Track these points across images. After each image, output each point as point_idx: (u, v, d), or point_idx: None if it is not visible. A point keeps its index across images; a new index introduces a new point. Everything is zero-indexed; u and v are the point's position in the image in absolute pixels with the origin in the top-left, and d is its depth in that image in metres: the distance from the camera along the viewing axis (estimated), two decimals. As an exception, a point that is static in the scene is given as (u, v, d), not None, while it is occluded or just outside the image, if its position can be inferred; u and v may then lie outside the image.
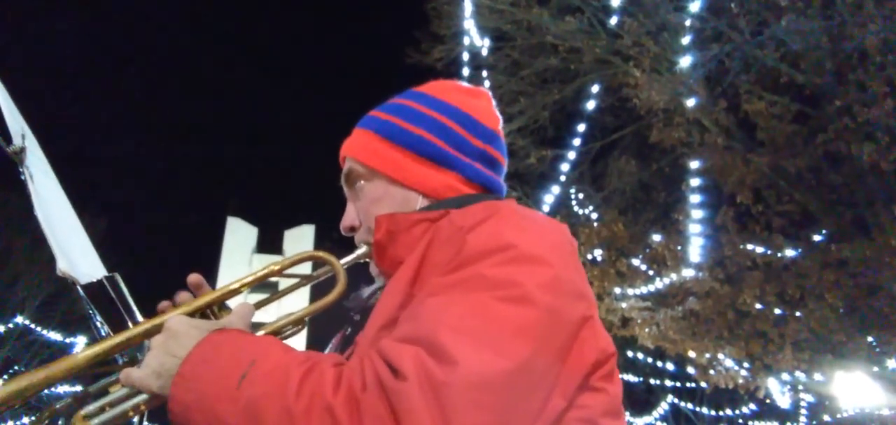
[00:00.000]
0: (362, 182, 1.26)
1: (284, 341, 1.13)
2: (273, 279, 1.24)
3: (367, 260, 1.27)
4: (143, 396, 0.97)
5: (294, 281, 1.26)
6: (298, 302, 1.25)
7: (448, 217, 1.08)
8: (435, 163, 1.22)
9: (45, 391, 1.00)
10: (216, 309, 1.11)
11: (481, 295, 0.89)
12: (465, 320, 0.86)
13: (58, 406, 1.06)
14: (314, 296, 1.19)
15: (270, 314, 1.24)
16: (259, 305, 1.16)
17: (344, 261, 1.20)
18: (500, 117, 1.34)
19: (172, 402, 0.91)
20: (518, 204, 1.16)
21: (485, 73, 11.36)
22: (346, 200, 1.34)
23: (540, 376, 0.88)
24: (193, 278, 1.14)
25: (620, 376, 1.08)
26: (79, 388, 1.08)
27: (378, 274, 1.26)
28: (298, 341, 1.21)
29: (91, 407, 0.99)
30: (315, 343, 1.40)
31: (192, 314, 1.07)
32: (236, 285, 1.13)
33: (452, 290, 0.91)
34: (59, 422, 1.07)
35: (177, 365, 0.93)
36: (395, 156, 1.23)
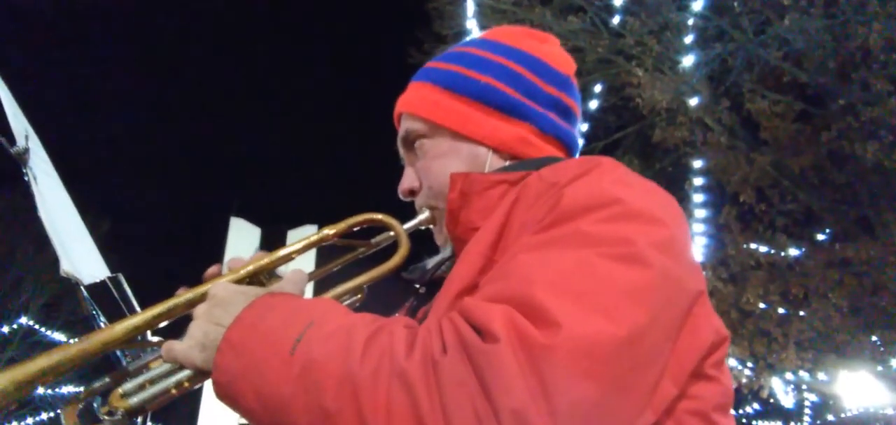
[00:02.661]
0: (423, 139, 1.13)
1: None
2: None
3: (430, 226, 1.14)
4: (186, 372, 0.87)
5: (350, 250, 1.11)
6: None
7: (537, 174, 0.92)
8: (505, 114, 1.09)
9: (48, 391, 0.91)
10: (264, 277, 0.98)
11: (585, 251, 0.74)
12: (568, 278, 0.71)
13: (96, 384, 0.94)
14: (365, 267, 1.06)
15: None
16: (313, 275, 1.05)
17: (406, 225, 1.08)
18: (572, 61, 1.20)
19: (217, 372, 0.79)
20: None
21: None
22: (404, 165, 1.20)
23: (655, 350, 0.73)
24: (232, 261, 1.02)
25: None
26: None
27: (444, 241, 1.12)
28: None
29: (129, 385, 0.89)
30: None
31: (238, 282, 0.95)
32: (287, 250, 1.01)
33: (549, 247, 0.77)
34: (97, 402, 0.95)
35: (222, 334, 0.81)
36: (459, 107, 1.10)
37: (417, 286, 1.17)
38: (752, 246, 9.57)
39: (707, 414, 0.83)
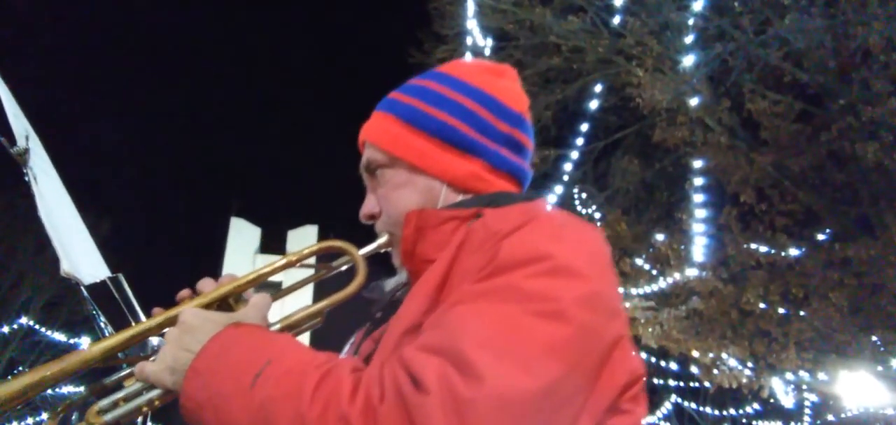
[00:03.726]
0: (383, 169, 1.20)
1: (302, 334, 1.12)
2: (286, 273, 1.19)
3: (388, 249, 1.21)
4: (157, 391, 0.96)
5: (310, 272, 1.22)
6: (307, 296, 1.23)
7: (482, 220, 1.02)
8: (459, 150, 1.16)
9: (49, 392, 1.00)
10: (232, 301, 1.07)
11: (513, 307, 0.83)
12: (494, 334, 0.81)
13: (74, 399, 1.05)
14: (325, 291, 1.14)
15: (287, 307, 1.20)
16: (276, 297, 1.13)
17: (363, 250, 1.15)
18: (526, 97, 1.27)
19: (184, 398, 0.89)
20: (553, 207, 1.10)
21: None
22: (366, 188, 1.28)
23: (569, 397, 0.82)
24: (202, 284, 1.10)
25: None
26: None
27: (401, 264, 1.20)
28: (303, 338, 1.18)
29: (105, 402, 0.98)
30: (330, 338, 1.36)
31: (207, 306, 1.03)
32: (252, 276, 1.08)
33: (482, 299, 0.86)
34: (74, 416, 1.06)
35: (190, 360, 0.90)
36: (417, 142, 1.16)
37: (376, 312, 1.26)
38: (753, 246, 9.56)
39: None
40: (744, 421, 19.62)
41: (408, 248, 1.10)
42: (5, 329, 18.11)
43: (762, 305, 9.68)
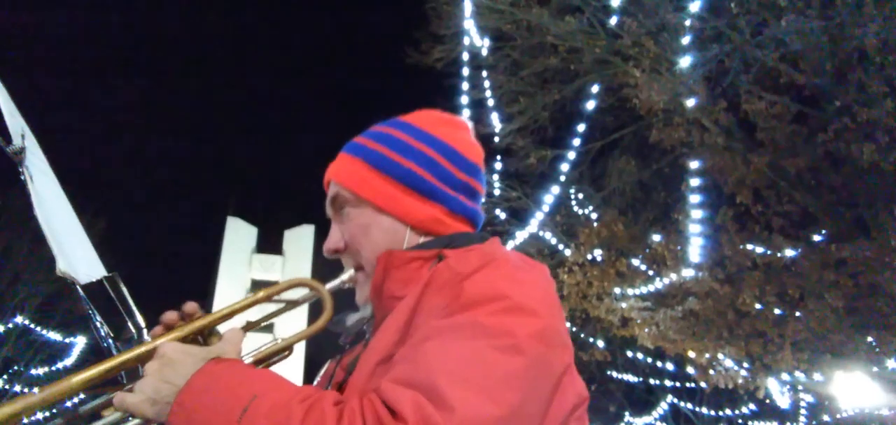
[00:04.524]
0: (349, 208, 1.29)
1: (275, 366, 1.19)
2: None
3: (353, 285, 1.30)
4: (136, 422, 0.99)
5: (280, 306, 1.28)
6: (297, 325, 1.31)
7: (446, 262, 1.12)
8: (422, 196, 1.26)
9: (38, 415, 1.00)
10: (206, 334, 1.13)
11: (477, 342, 0.94)
12: (462, 367, 0.90)
13: None
14: (311, 321, 1.22)
15: (260, 340, 1.27)
16: (247, 329, 1.19)
17: (329, 285, 1.24)
18: (480, 148, 1.38)
19: None
20: (503, 247, 1.24)
21: (484, 73, 11.37)
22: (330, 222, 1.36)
23: (527, 421, 0.94)
24: (189, 307, 1.16)
25: (621, 376, 1.12)
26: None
27: (364, 300, 1.29)
28: (297, 366, 1.23)
29: None
30: (312, 368, 1.45)
31: (183, 339, 1.08)
32: (227, 311, 1.16)
33: (449, 335, 0.96)
34: None
35: (173, 393, 0.95)
36: (384, 186, 1.26)
37: (342, 342, 1.36)
38: (749, 246, 9.58)
39: None
40: (740, 421, 19.64)
41: (377, 286, 1.19)
42: (1, 328, 18.05)
43: (758, 306, 9.71)
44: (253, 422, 0.88)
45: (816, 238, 9.67)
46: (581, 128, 11.19)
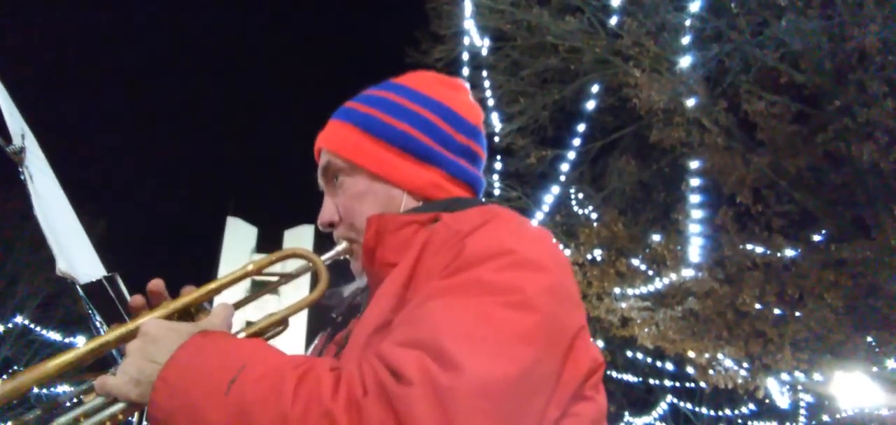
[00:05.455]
0: (342, 177, 1.22)
1: (269, 342, 1.09)
2: (258, 279, 1.20)
3: (347, 256, 1.23)
4: (120, 405, 0.91)
5: (274, 278, 1.19)
6: (294, 298, 1.17)
7: (443, 221, 1.05)
8: (419, 160, 1.19)
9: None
10: (193, 310, 1.04)
11: (483, 299, 0.86)
12: (469, 325, 0.83)
13: (28, 417, 0.99)
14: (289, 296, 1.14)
15: (253, 314, 1.21)
16: (238, 305, 1.12)
17: (324, 257, 1.16)
18: (480, 110, 1.31)
19: (154, 408, 0.85)
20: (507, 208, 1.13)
21: (485, 73, 11.36)
22: (323, 194, 1.28)
23: (541, 382, 0.86)
24: (153, 285, 1.06)
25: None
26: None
27: (360, 272, 1.22)
28: (299, 338, 1.18)
29: (63, 419, 0.92)
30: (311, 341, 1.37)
31: (168, 317, 1.00)
32: (214, 285, 1.07)
33: (452, 294, 0.89)
34: None
35: (157, 371, 0.87)
36: (377, 151, 1.19)
37: (334, 315, 1.28)
38: (749, 246, 9.59)
39: None
40: (739, 421, 19.66)
41: (369, 252, 1.12)
42: (0, 328, 18.05)
43: (758, 306, 9.70)
44: (242, 393, 0.80)
45: (816, 238, 9.68)
46: (581, 128, 11.19)
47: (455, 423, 0.75)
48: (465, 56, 11.14)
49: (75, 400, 0.99)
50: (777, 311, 9.80)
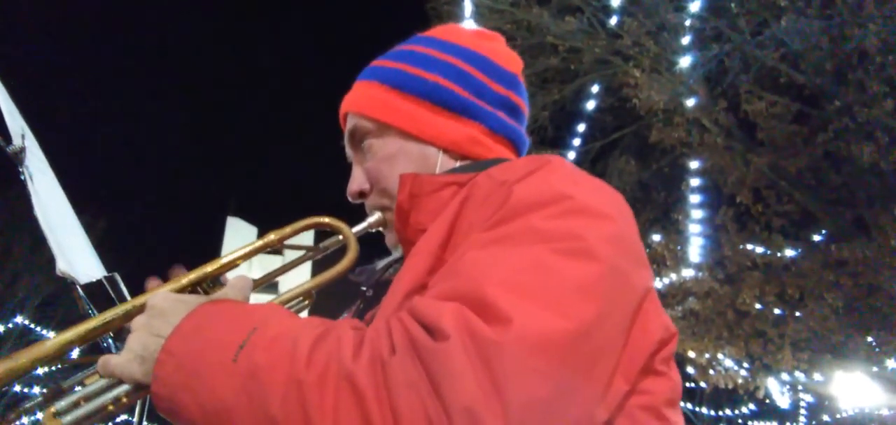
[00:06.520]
0: (371, 139, 1.11)
1: None
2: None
3: (381, 228, 1.12)
4: (125, 387, 0.82)
5: (299, 253, 1.09)
6: (300, 278, 1.09)
7: (486, 173, 0.91)
8: (454, 113, 1.07)
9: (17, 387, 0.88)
10: (207, 285, 0.95)
11: (535, 248, 0.74)
12: (518, 274, 0.71)
13: (28, 404, 0.92)
14: (316, 272, 1.04)
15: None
16: (258, 282, 1.01)
17: (356, 228, 1.05)
18: (519, 58, 1.20)
19: (157, 384, 0.75)
20: None
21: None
22: (351, 164, 1.18)
23: (606, 344, 0.72)
24: (175, 270, 0.97)
25: None
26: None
27: (394, 244, 1.11)
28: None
29: (63, 403, 0.83)
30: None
31: (180, 291, 0.91)
32: (231, 258, 0.97)
33: (499, 244, 0.76)
34: (25, 421, 0.94)
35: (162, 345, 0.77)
36: (407, 106, 1.07)
37: (364, 289, 1.15)
38: (749, 246, 9.59)
39: (658, 408, 0.82)
40: (740, 421, 19.64)
41: (402, 215, 1.00)
42: (0, 328, 18.05)
43: (758, 306, 9.70)
44: (252, 356, 0.70)
45: (816, 238, 9.67)
46: (581, 127, 11.20)
47: (501, 385, 0.62)
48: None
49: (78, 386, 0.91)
50: (777, 311, 9.80)
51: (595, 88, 10.82)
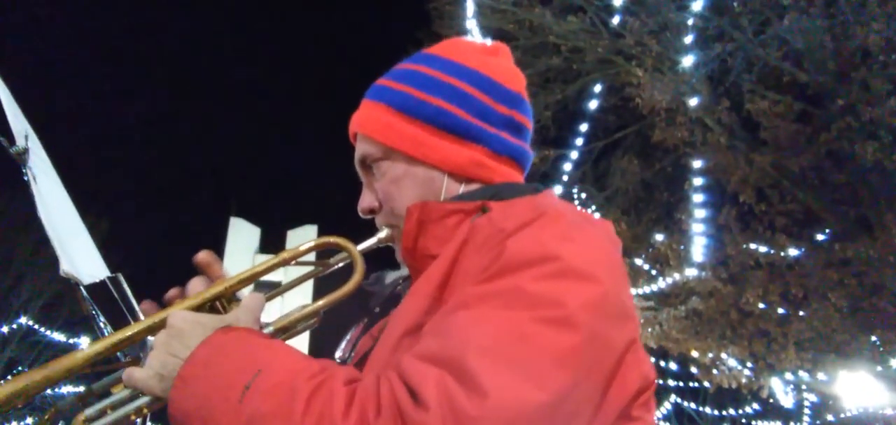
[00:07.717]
0: (379, 162, 1.15)
1: (298, 335, 1.08)
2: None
3: (390, 244, 1.17)
4: (146, 398, 0.91)
5: (307, 269, 1.16)
6: (304, 290, 1.18)
7: (488, 216, 0.97)
8: (458, 137, 1.10)
9: (48, 391, 0.97)
10: (224, 301, 1.02)
11: (519, 313, 0.79)
12: (499, 342, 0.77)
13: (60, 406, 1.02)
14: (320, 289, 1.10)
15: (286, 306, 1.17)
16: (270, 298, 1.08)
17: (361, 246, 1.10)
18: (522, 75, 1.22)
19: (172, 406, 0.85)
20: (558, 200, 1.06)
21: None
22: (361, 177, 1.23)
23: (578, 408, 0.79)
24: (203, 256, 1.06)
25: None
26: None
27: (403, 259, 1.15)
28: (301, 339, 1.15)
29: (93, 409, 0.93)
30: (327, 332, 1.31)
31: (198, 308, 0.98)
32: (246, 275, 1.03)
33: (486, 303, 0.82)
34: (61, 424, 1.02)
35: (180, 367, 0.86)
36: (412, 131, 1.11)
37: (373, 307, 1.22)
38: (752, 246, 9.57)
39: None
40: (743, 421, 19.63)
41: (409, 243, 1.05)
42: (4, 329, 18.09)
43: (761, 305, 9.69)
44: (256, 401, 0.77)
45: (820, 237, 9.65)
46: (584, 127, 11.18)
47: None
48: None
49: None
50: (781, 311, 9.79)
51: (598, 88, 10.81)
